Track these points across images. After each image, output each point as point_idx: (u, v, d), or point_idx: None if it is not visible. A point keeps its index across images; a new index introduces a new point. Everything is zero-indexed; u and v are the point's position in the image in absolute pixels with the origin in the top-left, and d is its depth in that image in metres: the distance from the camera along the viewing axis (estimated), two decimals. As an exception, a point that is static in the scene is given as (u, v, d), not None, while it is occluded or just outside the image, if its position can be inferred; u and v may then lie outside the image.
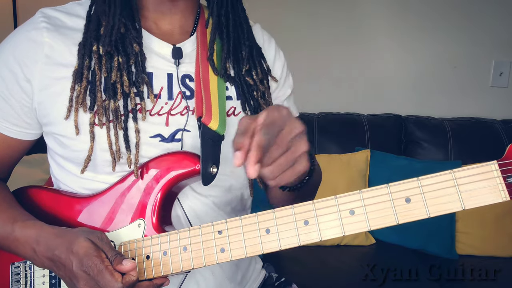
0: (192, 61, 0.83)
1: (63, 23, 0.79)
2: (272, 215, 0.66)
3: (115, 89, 0.76)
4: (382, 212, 0.61)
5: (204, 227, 0.69)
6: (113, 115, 0.76)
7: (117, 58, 0.76)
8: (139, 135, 0.76)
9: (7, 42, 0.79)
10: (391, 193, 0.61)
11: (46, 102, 0.77)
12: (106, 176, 0.79)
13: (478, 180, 0.58)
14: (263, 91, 0.86)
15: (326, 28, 2.35)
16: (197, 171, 0.75)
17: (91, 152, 0.76)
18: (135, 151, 0.76)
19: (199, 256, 0.69)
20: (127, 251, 0.74)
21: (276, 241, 0.65)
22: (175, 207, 0.80)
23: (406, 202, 0.60)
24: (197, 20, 0.87)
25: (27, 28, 0.78)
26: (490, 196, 0.58)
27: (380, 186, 0.62)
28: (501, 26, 2.31)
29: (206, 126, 0.77)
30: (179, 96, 0.80)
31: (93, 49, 0.76)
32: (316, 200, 0.64)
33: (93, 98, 0.76)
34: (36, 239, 0.73)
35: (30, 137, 0.83)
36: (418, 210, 0.60)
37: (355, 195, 0.62)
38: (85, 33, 0.78)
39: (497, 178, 0.57)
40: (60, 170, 0.83)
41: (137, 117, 0.76)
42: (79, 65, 0.76)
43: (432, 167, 1.98)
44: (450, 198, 0.59)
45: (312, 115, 2.22)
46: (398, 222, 0.61)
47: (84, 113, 0.76)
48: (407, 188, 0.60)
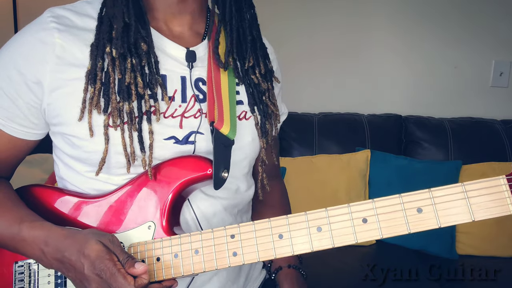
0: (204, 65, 0.83)
1: (73, 23, 0.78)
2: (285, 221, 0.67)
3: (129, 90, 0.75)
4: (395, 221, 0.63)
5: (216, 231, 0.70)
6: (128, 117, 0.75)
7: (130, 60, 0.76)
8: (152, 136, 0.76)
9: (14, 42, 0.78)
10: (403, 203, 0.63)
11: (57, 103, 0.76)
12: (118, 177, 0.78)
13: (487, 193, 0.62)
14: (268, 90, 0.87)
15: (327, 28, 2.35)
16: (209, 176, 0.75)
17: (106, 154, 0.75)
18: (149, 152, 0.76)
19: (211, 260, 0.69)
20: (137, 252, 0.74)
21: (289, 246, 0.67)
22: (184, 208, 0.80)
23: (417, 212, 0.63)
24: (207, 23, 0.87)
25: (36, 29, 0.76)
26: (499, 209, 0.61)
27: (393, 196, 0.64)
28: (501, 26, 2.31)
29: (218, 131, 0.77)
30: (193, 99, 0.81)
31: (106, 50, 0.75)
32: (329, 208, 0.66)
33: (107, 100, 0.75)
34: (45, 240, 0.72)
35: (36, 137, 0.82)
36: (429, 220, 0.63)
37: (368, 204, 0.64)
38: (97, 34, 0.77)
39: (505, 192, 0.61)
40: (67, 170, 0.83)
41: (151, 119, 0.76)
42: (92, 66, 0.75)
43: (432, 167, 1.99)
44: (460, 210, 0.62)
45: (312, 115, 2.22)
46: (409, 231, 0.63)
47: (98, 115, 0.75)
48: (419, 199, 0.63)
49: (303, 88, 2.34)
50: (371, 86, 2.39)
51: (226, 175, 0.76)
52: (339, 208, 0.65)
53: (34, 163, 1.87)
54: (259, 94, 0.86)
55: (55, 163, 0.87)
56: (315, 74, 2.36)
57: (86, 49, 0.76)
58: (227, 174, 0.76)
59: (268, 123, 0.87)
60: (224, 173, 0.76)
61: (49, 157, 1.88)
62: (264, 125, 0.86)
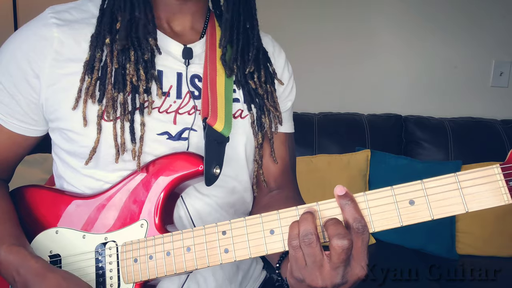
0: (202, 62, 0.84)
1: (73, 17, 0.79)
2: (277, 216, 0.66)
3: (124, 81, 0.76)
4: (386, 214, 0.61)
5: (208, 227, 0.69)
6: (121, 107, 0.76)
7: (133, 53, 0.77)
8: (144, 128, 0.77)
9: (15, 38, 0.79)
10: (395, 195, 0.61)
11: (54, 98, 0.77)
12: (108, 174, 0.79)
13: (481, 183, 0.59)
14: (266, 94, 0.87)
15: (327, 28, 2.35)
16: (201, 172, 0.75)
17: (97, 144, 0.76)
18: (140, 144, 0.76)
19: (203, 257, 0.69)
20: (130, 251, 0.74)
21: (280, 241, 0.65)
22: (178, 207, 0.80)
23: (410, 204, 0.61)
24: (206, 21, 0.88)
25: (36, 25, 0.78)
26: (493, 199, 0.58)
27: (384, 188, 0.62)
28: (501, 26, 2.31)
29: (211, 127, 0.77)
30: (188, 95, 0.81)
31: (106, 41, 0.76)
32: (320, 202, 0.64)
33: (102, 90, 0.76)
34: (17, 269, 0.72)
35: (36, 134, 0.83)
36: (422, 212, 0.60)
37: (359, 197, 0.62)
38: (98, 26, 0.78)
39: (499, 181, 0.58)
40: (64, 167, 0.83)
41: (143, 112, 0.77)
42: (90, 57, 0.76)
43: (432, 167, 1.99)
44: (453, 201, 0.60)
45: (312, 115, 2.22)
46: (402, 224, 0.61)
47: (93, 105, 0.76)
48: (411, 191, 0.61)
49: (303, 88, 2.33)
50: (371, 86, 2.39)
51: (218, 171, 0.76)
52: (330, 202, 0.64)
53: (34, 163, 1.87)
54: (254, 91, 0.86)
55: (54, 161, 0.87)
56: (315, 74, 2.36)
57: (85, 44, 0.77)
58: (219, 170, 0.76)
59: (265, 117, 0.86)
60: (216, 169, 0.75)
61: (49, 157, 1.88)
62: (259, 118, 0.86)
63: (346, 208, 0.61)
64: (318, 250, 0.60)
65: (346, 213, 0.61)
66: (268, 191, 0.93)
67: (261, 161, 0.89)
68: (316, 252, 0.60)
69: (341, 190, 0.61)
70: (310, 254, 0.61)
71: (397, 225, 0.61)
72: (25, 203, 0.83)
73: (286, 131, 0.95)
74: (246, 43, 0.85)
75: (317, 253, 0.61)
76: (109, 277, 0.75)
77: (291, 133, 0.97)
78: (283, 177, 0.95)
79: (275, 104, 0.88)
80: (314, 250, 0.60)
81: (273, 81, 0.90)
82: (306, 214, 0.62)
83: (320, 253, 0.61)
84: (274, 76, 0.90)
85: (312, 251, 0.60)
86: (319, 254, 0.61)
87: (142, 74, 0.76)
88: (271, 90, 0.88)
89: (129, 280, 0.74)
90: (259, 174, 0.91)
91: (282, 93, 0.94)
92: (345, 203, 0.61)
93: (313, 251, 0.60)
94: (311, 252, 0.61)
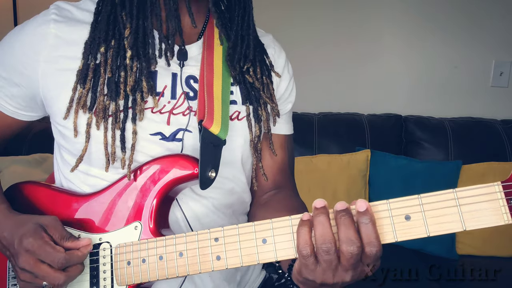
0: (198, 64, 0.83)
1: (73, 15, 0.80)
2: (270, 225, 0.64)
3: (118, 90, 0.76)
4: (381, 228, 0.59)
5: (201, 233, 0.68)
6: (113, 115, 0.76)
7: (137, 64, 0.76)
8: (136, 136, 0.76)
9: (17, 31, 0.81)
10: (391, 209, 0.59)
11: (50, 93, 0.78)
12: (103, 171, 0.79)
13: (480, 201, 0.57)
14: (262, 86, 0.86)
15: (327, 28, 2.35)
16: (195, 175, 0.74)
17: (85, 152, 0.77)
18: (130, 153, 0.76)
19: (195, 263, 0.68)
20: (123, 253, 0.74)
21: (272, 251, 0.64)
22: (174, 209, 0.80)
23: (405, 219, 0.59)
24: (205, 23, 0.87)
25: (38, 20, 0.79)
26: (492, 218, 0.56)
27: (380, 201, 0.60)
28: (501, 26, 2.31)
29: (207, 129, 0.76)
30: (182, 96, 0.80)
31: (101, 50, 0.76)
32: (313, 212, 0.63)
33: (93, 99, 0.76)
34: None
35: (24, 118, 0.85)
36: (418, 229, 0.58)
37: (353, 211, 0.60)
38: (92, 32, 0.78)
39: (500, 200, 0.56)
40: (63, 163, 0.84)
41: (136, 118, 0.76)
42: (83, 65, 0.76)
43: (432, 167, 1.98)
44: (451, 218, 0.57)
45: (312, 115, 2.22)
46: (396, 240, 0.59)
47: (83, 114, 0.76)
48: (408, 206, 0.59)
49: (303, 88, 2.33)
50: (371, 86, 2.39)
51: (213, 174, 0.75)
52: None
53: (34, 163, 1.87)
54: (253, 89, 0.85)
55: (54, 157, 0.89)
56: (315, 74, 2.36)
57: (80, 44, 0.77)
58: (214, 174, 0.75)
59: (261, 110, 0.86)
60: (212, 172, 0.75)
61: (49, 157, 1.88)
62: (256, 110, 0.85)
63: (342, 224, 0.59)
64: (335, 256, 0.58)
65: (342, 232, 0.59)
66: (267, 190, 0.93)
67: (259, 154, 0.88)
68: (333, 258, 0.58)
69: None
70: (327, 260, 0.59)
71: (392, 241, 0.59)
72: (21, 200, 0.83)
73: (285, 133, 0.95)
74: (243, 41, 0.84)
75: (333, 259, 0.59)
76: (103, 278, 0.75)
77: (290, 135, 0.97)
78: (281, 176, 0.94)
79: (271, 96, 0.87)
80: (332, 257, 0.58)
81: (270, 73, 0.89)
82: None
83: (337, 258, 0.59)
84: (271, 68, 0.90)
85: (329, 258, 0.58)
86: (335, 259, 0.59)
87: (144, 86, 0.76)
88: (267, 82, 0.88)
89: (122, 282, 0.73)
90: (258, 168, 0.90)
91: (282, 95, 0.93)
92: (342, 215, 0.59)
93: (330, 258, 0.58)
94: (329, 259, 0.59)
